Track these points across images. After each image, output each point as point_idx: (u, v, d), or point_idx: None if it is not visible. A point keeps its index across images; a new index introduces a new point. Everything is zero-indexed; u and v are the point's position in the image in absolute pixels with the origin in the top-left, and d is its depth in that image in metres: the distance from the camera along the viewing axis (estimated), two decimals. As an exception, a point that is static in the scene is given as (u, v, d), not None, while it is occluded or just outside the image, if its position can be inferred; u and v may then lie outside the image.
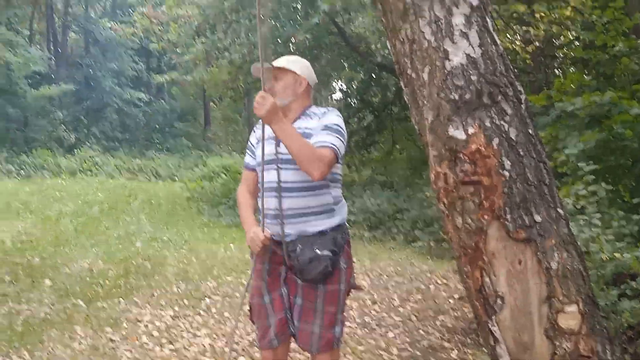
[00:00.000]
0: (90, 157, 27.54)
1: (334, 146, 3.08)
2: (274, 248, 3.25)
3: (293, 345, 3.40)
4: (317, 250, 3.12)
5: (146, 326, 5.83)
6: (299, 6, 16.35)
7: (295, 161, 3.08)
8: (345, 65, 18.89)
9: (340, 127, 3.19)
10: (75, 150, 28.58)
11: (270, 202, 3.22)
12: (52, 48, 34.32)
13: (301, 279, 3.19)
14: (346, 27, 15.69)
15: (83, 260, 8.75)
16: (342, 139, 3.16)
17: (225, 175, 20.41)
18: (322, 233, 3.18)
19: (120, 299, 6.76)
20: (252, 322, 3.43)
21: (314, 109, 3.32)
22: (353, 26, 15.66)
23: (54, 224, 12.50)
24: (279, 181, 3.18)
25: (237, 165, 20.29)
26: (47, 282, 7.44)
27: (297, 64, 3.34)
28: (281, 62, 3.33)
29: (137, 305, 6.56)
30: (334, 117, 3.22)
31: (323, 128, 3.15)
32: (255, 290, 3.31)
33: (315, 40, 15.06)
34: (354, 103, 19.36)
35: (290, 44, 15.15)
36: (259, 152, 3.29)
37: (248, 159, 3.46)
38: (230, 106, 19.86)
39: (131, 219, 13.75)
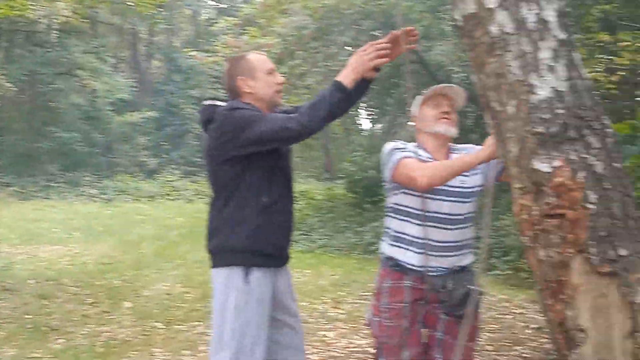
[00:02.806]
0: (169, 181, 28.08)
1: None
2: (415, 283, 3.23)
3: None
4: (468, 286, 3.14)
5: (223, 350, 5.88)
6: (378, 33, 16.39)
7: (460, 193, 3.21)
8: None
9: None
10: (155, 175, 29.22)
11: (431, 233, 3.22)
12: (135, 75, 35.31)
13: (448, 313, 3.18)
14: (426, 54, 15.63)
15: (162, 283, 8.94)
16: None
17: (301, 201, 20.46)
18: (465, 268, 3.24)
19: (198, 322, 6.87)
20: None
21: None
22: (432, 54, 15.54)
23: (134, 247, 12.82)
24: (447, 213, 3.22)
25: (312, 192, 20.38)
26: (127, 304, 7.64)
27: None
28: None
29: (214, 329, 6.64)
30: None
31: None
32: (394, 330, 3.23)
33: (394, 68, 15.03)
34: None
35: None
36: None
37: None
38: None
39: (209, 243, 13.94)
